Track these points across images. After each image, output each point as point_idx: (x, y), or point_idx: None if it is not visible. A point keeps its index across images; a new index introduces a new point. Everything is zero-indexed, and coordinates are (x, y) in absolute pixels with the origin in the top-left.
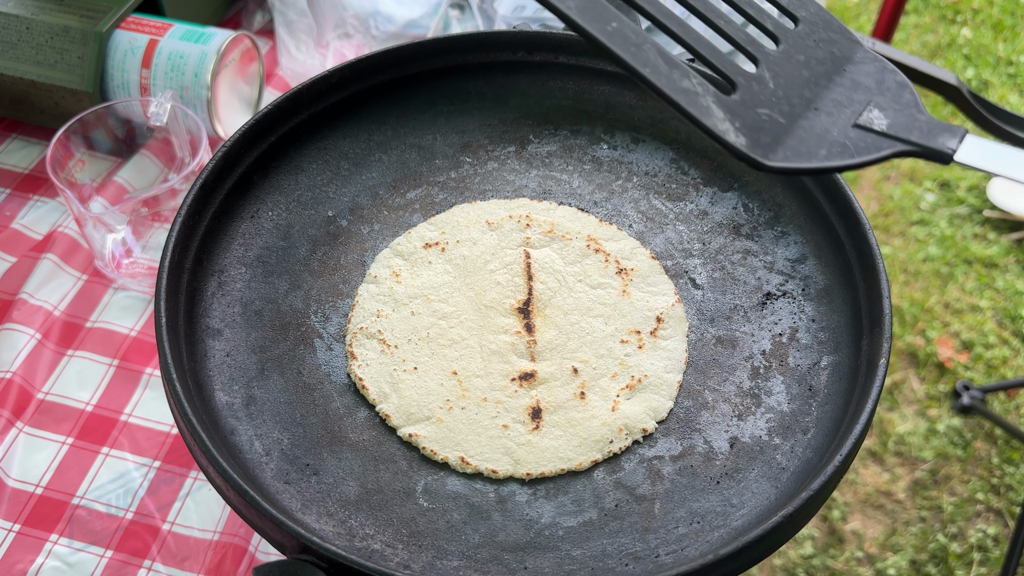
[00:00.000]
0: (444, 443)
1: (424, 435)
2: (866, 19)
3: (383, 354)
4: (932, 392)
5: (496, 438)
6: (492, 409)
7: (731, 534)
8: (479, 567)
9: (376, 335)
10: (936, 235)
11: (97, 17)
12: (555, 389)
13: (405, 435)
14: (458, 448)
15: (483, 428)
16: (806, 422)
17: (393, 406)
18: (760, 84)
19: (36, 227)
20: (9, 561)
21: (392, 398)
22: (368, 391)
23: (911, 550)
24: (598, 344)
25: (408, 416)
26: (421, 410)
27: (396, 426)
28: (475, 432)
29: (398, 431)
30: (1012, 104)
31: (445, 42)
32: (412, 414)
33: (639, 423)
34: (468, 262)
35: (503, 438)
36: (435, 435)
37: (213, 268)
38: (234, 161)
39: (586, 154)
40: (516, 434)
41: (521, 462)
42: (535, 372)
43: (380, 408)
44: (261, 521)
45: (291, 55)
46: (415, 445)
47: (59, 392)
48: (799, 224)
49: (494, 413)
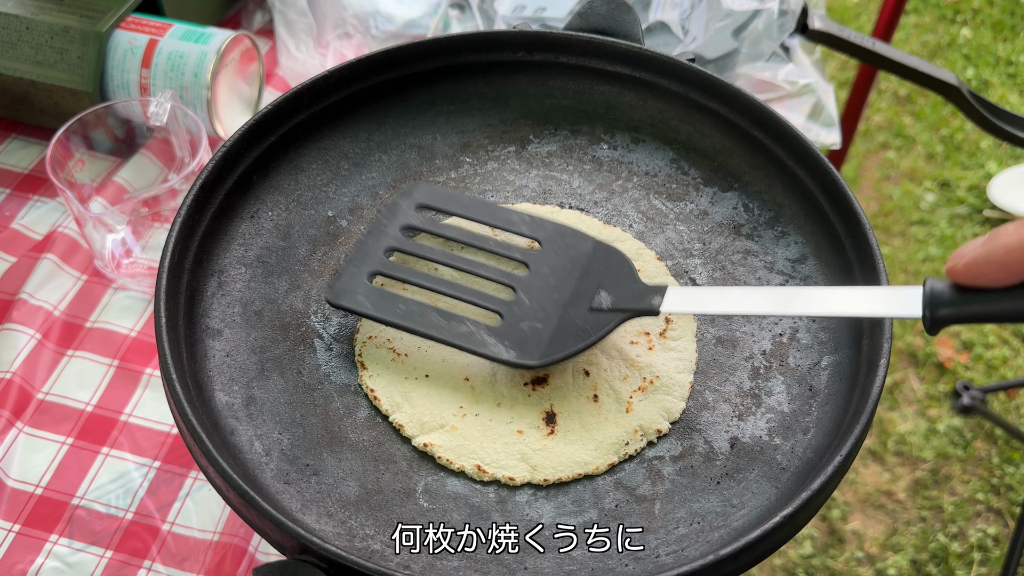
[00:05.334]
0: (460, 452)
1: (439, 444)
2: (866, 19)
3: (393, 363)
4: (932, 392)
5: (512, 444)
6: (507, 414)
7: (731, 534)
8: (479, 567)
9: (385, 344)
10: (936, 235)
11: (97, 17)
12: (568, 393)
13: (420, 444)
14: (474, 456)
15: (498, 434)
16: (806, 422)
17: (407, 415)
18: (519, 305)
19: (36, 227)
20: (9, 561)
21: (405, 407)
22: (380, 402)
23: (911, 550)
24: (608, 346)
25: (422, 425)
26: (435, 418)
27: (411, 436)
28: (490, 439)
29: (413, 441)
30: (1012, 104)
31: (445, 42)
32: (426, 423)
33: (653, 424)
34: (472, 261)
35: (519, 444)
36: (450, 443)
37: (213, 268)
38: (234, 161)
39: (586, 154)
40: (532, 439)
41: (538, 468)
42: (547, 376)
43: (394, 419)
44: (261, 521)
45: (291, 55)
46: (431, 455)
47: (59, 392)
48: (799, 224)
49: (508, 418)
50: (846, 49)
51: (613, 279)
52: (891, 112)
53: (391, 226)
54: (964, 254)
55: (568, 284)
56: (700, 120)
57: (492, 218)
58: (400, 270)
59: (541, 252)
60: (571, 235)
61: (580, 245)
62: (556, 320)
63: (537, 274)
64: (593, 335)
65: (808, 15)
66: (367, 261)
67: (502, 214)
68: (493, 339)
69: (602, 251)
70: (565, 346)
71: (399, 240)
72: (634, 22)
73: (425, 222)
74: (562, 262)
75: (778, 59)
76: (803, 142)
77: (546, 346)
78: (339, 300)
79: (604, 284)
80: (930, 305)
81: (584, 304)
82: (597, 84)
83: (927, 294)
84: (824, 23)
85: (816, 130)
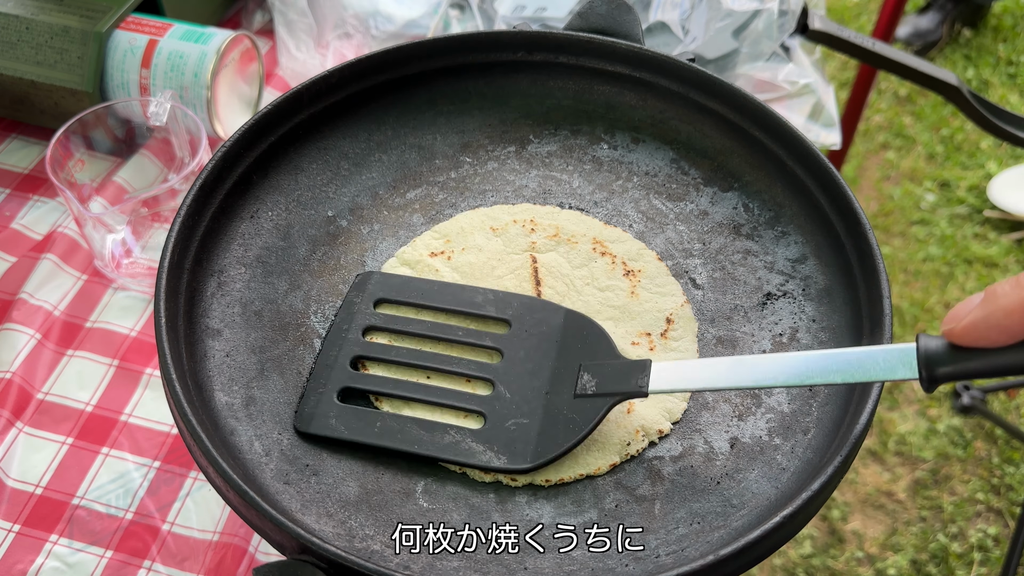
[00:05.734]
0: None
1: None
2: (866, 19)
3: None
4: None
5: None
6: None
7: (731, 534)
8: (479, 567)
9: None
10: (936, 235)
11: (97, 17)
12: None
13: None
14: None
15: None
16: (806, 422)
17: None
18: (500, 400)
19: (36, 227)
20: (9, 561)
21: (406, 408)
22: (382, 402)
23: (911, 550)
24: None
25: None
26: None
27: None
28: None
29: None
30: (1012, 104)
31: (445, 42)
32: None
33: (655, 424)
34: (475, 269)
35: None
36: None
37: (213, 268)
38: (234, 161)
39: (586, 154)
40: None
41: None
42: None
43: None
44: (261, 521)
45: (291, 55)
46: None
47: (59, 392)
48: (799, 224)
49: None
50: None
51: (592, 356)
52: (891, 112)
53: (351, 331)
54: (961, 315)
55: (545, 367)
56: (700, 120)
57: (455, 303)
58: (370, 381)
59: (512, 334)
60: (539, 308)
61: (551, 319)
62: (541, 412)
63: (513, 361)
64: (584, 427)
65: (808, 15)
66: (333, 378)
67: (465, 297)
68: (481, 446)
69: (574, 322)
70: (556, 442)
71: (362, 346)
72: (634, 22)
73: (386, 320)
74: (536, 342)
75: (778, 59)
76: (803, 142)
77: (535, 444)
78: (309, 428)
79: (585, 365)
80: (926, 365)
81: (567, 389)
82: (597, 84)
83: (921, 354)
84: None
85: (816, 130)
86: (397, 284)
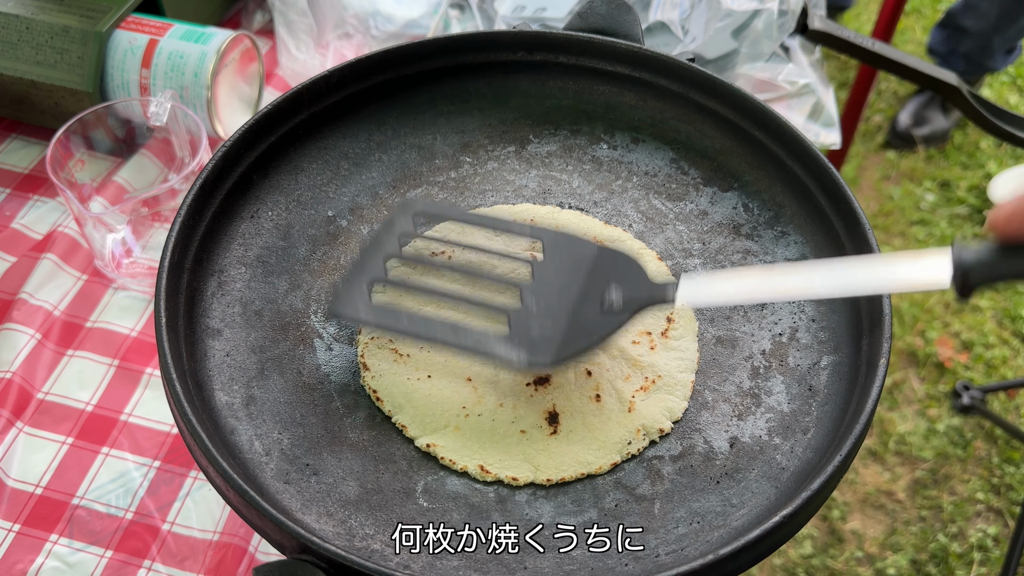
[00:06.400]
0: (463, 452)
1: (442, 444)
2: (866, 19)
3: (396, 363)
4: (932, 392)
5: (515, 444)
6: (509, 414)
7: (731, 534)
8: (479, 567)
9: (387, 344)
10: (936, 235)
11: (97, 17)
12: (570, 392)
13: (423, 445)
14: (477, 456)
15: (500, 435)
16: (806, 422)
17: (409, 416)
18: (527, 310)
19: (36, 227)
20: (9, 561)
21: (407, 408)
22: (383, 403)
23: (911, 550)
24: (610, 346)
25: (425, 425)
26: (437, 419)
27: (413, 436)
28: (493, 440)
29: (415, 441)
30: (1012, 104)
31: (445, 42)
32: (428, 423)
33: (656, 423)
34: (475, 268)
35: (522, 444)
36: (453, 444)
37: (213, 268)
38: (234, 161)
39: (586, 154)
40: (534, 439)
41: (541, 468)
42: (549, 376)
43: (396, 419)
44: (261, 521)
45: (291, 55)
46: (434, 455)
47: (59, 392)
48: (799, 224)
49: (511, 419)
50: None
51: (623, 276)
52: (891, 112)
53: (389, 239)
54: (1003, 206)
55: (574, 287)
56: (700, 120)
57: (493, 224)
58: (402, 281)
59: (545, 258)
60: (574, 240)
61: (584, 249)
62: (566, 321)
63: (543, 278)
64: (605, 330)
65: (808, 15)
66: (367, 273)
67: (502, 221)
68: (503, 345)
69: (607, 255)
70: (577, 345)
71: (398, 251)
72: (634, 22)
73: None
74: (567, 266)
75: (778, 59)
76: (803, 142)
77: (559, 346)
78: (342, 311)
79: (615, 283)
80: (961, 270)
81: (594, 305)
82: (597, 84)
83: (956, 259)
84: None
85: (816, 130)
86: (439, 204)
